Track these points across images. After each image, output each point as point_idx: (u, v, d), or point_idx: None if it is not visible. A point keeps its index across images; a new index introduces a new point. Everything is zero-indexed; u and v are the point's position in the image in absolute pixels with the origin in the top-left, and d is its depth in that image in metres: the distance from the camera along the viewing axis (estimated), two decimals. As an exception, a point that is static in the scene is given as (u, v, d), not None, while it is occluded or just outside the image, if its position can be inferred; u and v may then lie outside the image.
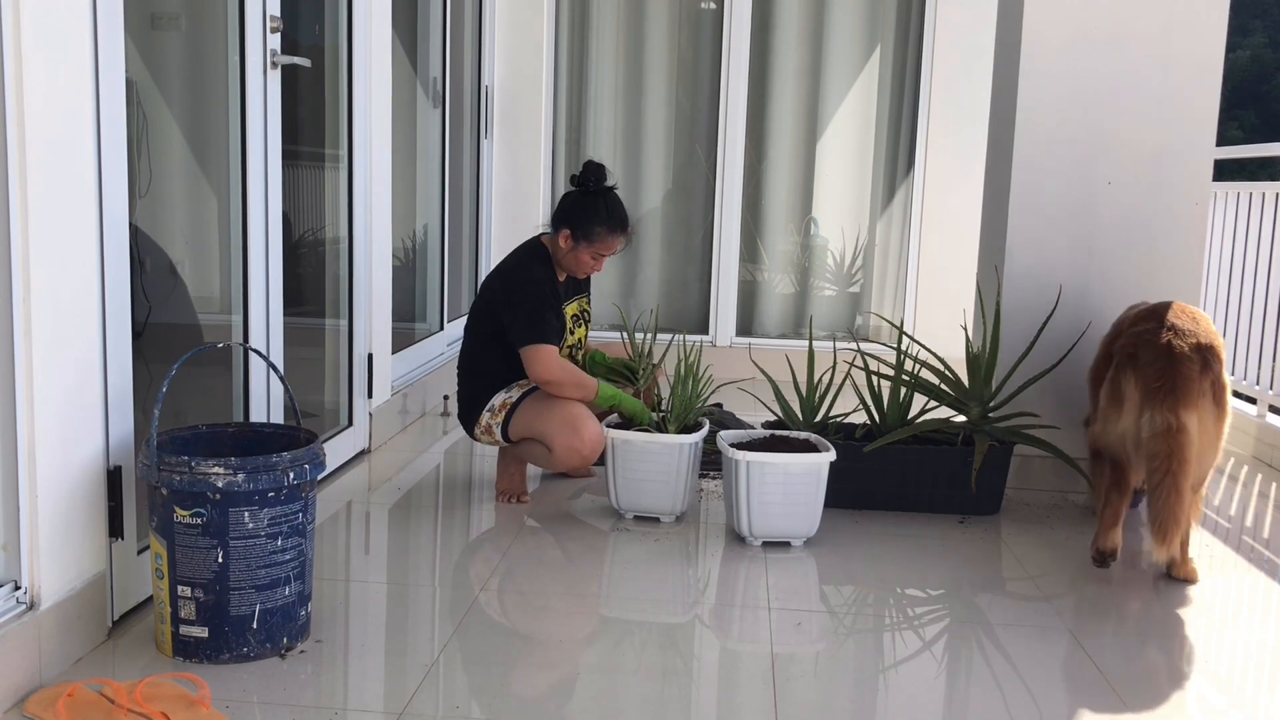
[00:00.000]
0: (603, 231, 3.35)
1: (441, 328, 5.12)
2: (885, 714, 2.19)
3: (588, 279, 3.63)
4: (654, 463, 3.20)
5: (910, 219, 5.88)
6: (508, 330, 3.31)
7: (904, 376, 3.52)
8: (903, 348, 3.59)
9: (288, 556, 2.29)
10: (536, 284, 3.34)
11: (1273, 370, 4.50)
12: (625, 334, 3.73)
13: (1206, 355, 2.83)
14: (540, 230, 3.55)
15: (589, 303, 3.66)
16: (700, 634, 2.53)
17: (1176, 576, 2.93)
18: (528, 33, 5.80)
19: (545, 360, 3.26)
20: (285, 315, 3.27)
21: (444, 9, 5.01)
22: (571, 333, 3.48)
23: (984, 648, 2.49)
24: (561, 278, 3.46)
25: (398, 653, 2.36)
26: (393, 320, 4.17)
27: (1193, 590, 2.90)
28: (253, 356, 3.07)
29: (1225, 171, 4.68)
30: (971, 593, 2.81)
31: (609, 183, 3.41)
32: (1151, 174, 3.63)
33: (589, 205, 3.36)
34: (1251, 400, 4.65)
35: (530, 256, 3.43)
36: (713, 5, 5.85)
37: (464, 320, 3.60)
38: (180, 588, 2.22)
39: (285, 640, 2.31)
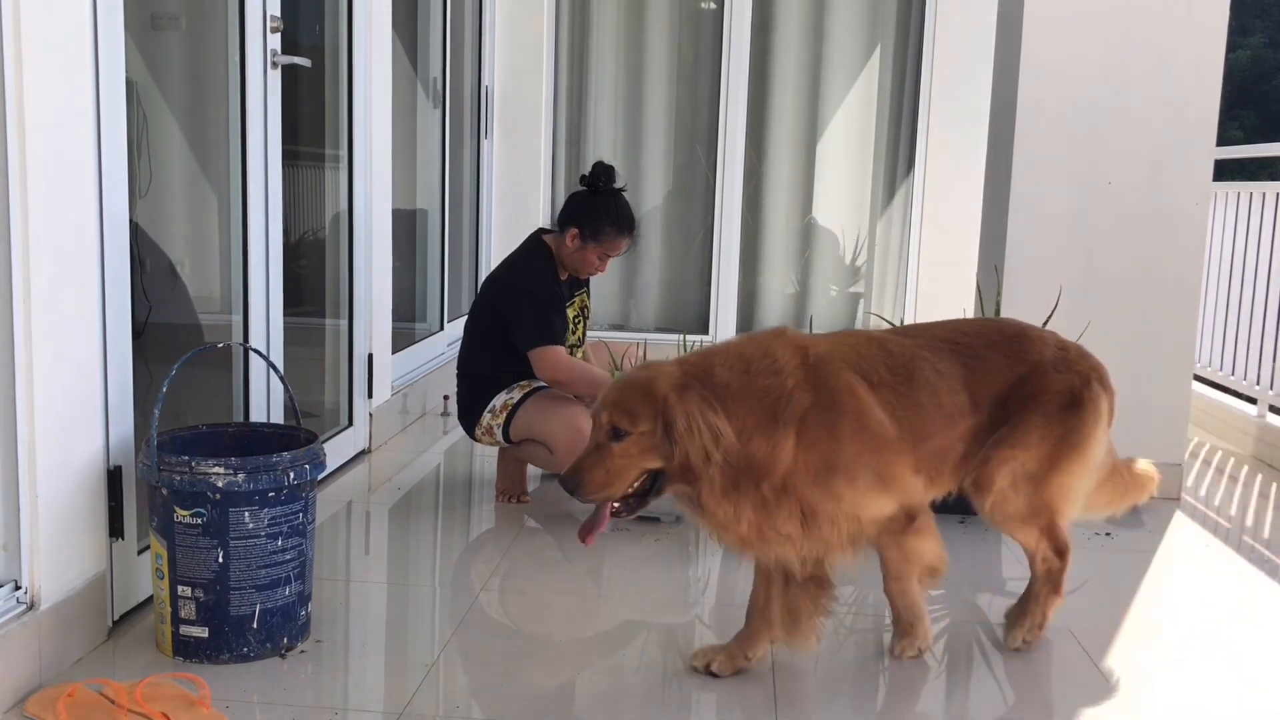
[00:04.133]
0: (611, 232, 3.36)
1: (441, 328, 5.13)
2: (885, 714, 2.19)
3: (586, 280, 3.63)
4: (654, 463, 3.19)
5: (910, 219, 5.88)
6: (513, 334, 3.31)
7: (904, 376, 3.51)
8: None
9: (288, 556, 2.28)
10: (540, 284, 3.34)
11: (1273, 370, 4.50)
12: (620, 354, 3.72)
13: None
14: (540, 227, 3.56)
15: (589, 298, 3.66)
16: (700, 634, 2.52)
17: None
18: (528, 33, 5.79)
19: (555, 360, 3.25)
20: (285, 315, 3.27)
21: (444, 9, 5.01)
22: (572, 330, 3.48)
23: (984, 648, 2.49)
24: (563, 276, 3.46)
25: (398, 653, 2.36)
26: (393, 320, 4.17)
27: (1193, 590, 2.90)
28: (253, 356, 3.07)
29: (1225, 171, 4.68)
30: (971, 593, 2.81)
31: (618, 184, 3.43)
32: (1151, 174, 3.63)
33: (599, 205, 3.37)
34: (1251, 400, 4.65)
35: (532, 255, 3.43)
36: (713, 5, 5.85)
37: (464, 320, 3.60)
38: (180, 588, 2.22)
39: (285, 640, 2.31)
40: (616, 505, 2.09)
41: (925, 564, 2.31)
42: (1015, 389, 2.27)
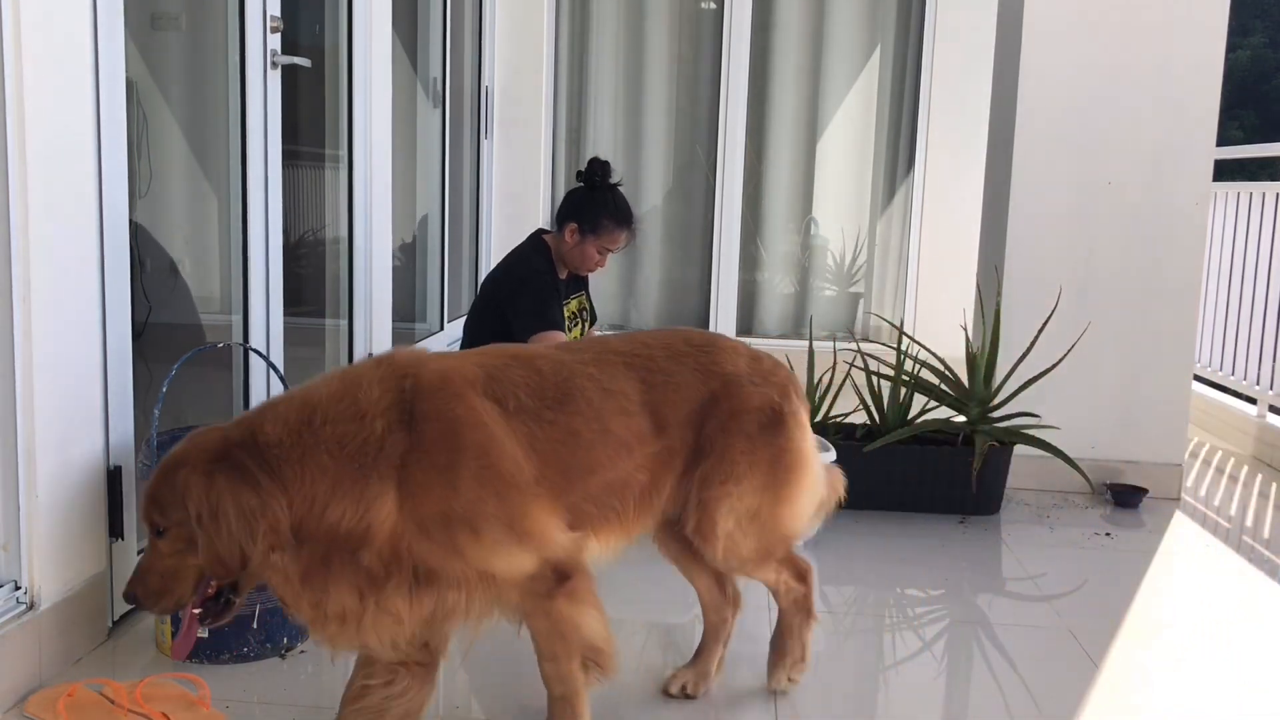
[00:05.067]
0: (610, 224, 3.38)
1: (441, 328, 5.12)
2: (885, 714, 2.19)
3: (585, 278, 3.64)
4: (654, 463, 3.19)
5: (910, 219, 5.88)
6: (514, 323, 3.31)
7: (904, 376, 3.52)
8: (903, 348, 3.59)
9: (288, 556, 2.28)
10: (539, 275, 3.36)
11: (1273, 370, 4.50)
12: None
13: None
14: (540, 227, 3.57)
15: (588, 300, 3.67)
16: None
17: None
18: (528, 33, 5.79)
19: (554, 342, 3.26)
20: (285, 315, 3.27)
21: (444, 9, 5.01)
22: (569, 330, 3.49)
23: (984, 648, 2.49)
24: (563, 275, 3.47)
25: (398, 653, 2.35)
26: (393, 320, 4.17)
27: (1193, 590, 2.90)
28: (253, 356, 3.07)
29: (1225, 171, 4.68)
30: (971, 593, 2.81)
31: (614, 179, 3.45)
32: (1151, 174, 3.63)
33: (596, 199, 3.40)
34: (1251, 400, 4.65)
35: (532, 252, 3.45)
36: (713, 5, 5.85)
37: (464, 320, 3.60)
38: (180, 588, 2.22)
39: (285, 640, 2.31)
40: (198, 611, 1.70)
41: (585, 641, 1.85)
42: (710, 408, 1.97)
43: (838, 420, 3.50)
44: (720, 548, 1.98)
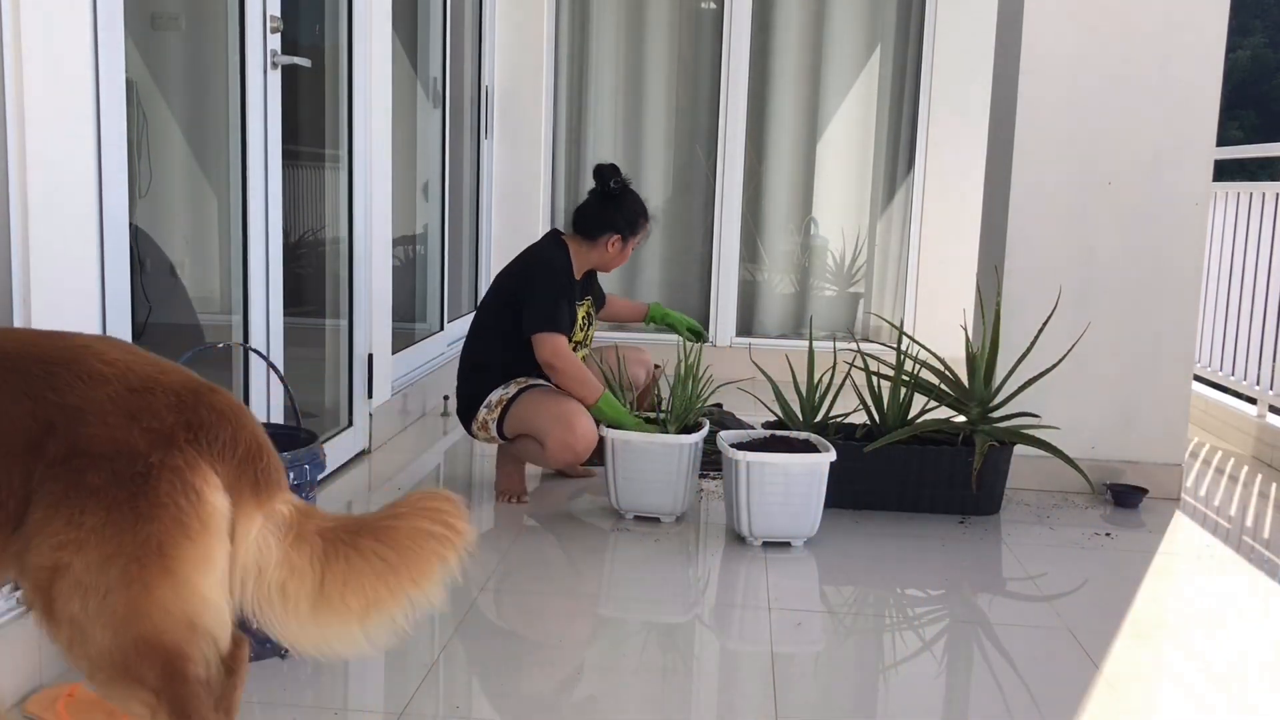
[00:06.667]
0: (644, 221, 3.56)
1: (441, 328, 5.13)
2: (885, 714, 2.19)
3: (594, 280, 3.68)
4: (654, 463, 3.20)
5: (910, 219, 5.88)
6: (522, 313, 3.33)
7: (904, 376, 3.52)
8: (903, 348, 3.59)
9: (288, 556, 2.28)
10: (557, 274, 3.39)
11: (1273, 370, 4.51)
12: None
13: None
14: (555, 228, 3.61)
15: (598, 288, 3.71)
16: (700, 634, 2.52)
17: None
18: (528, 33, 5.80)
19: (554, 345, 3.29)
20: (285, 315, 3.27)
21: (444, 9, 5.01)
22: (583, 329, 3.53)
23: (984, 648, 2.49)
24: (578, 275, 3.50)
25: (398, 653, 2.36)
26: (393, 320, 4.18)
27: (1193, 590, 2.90)
28: (253, 356, 3.07)
29: (1225, 171, 4.68)
30: (971, 593, 2.81)
31: (624, 177, 3.56)
32: (1151, 174, 3.63)
33: (627, 203, 3.53)
34: (1251, 400, 4.65)
35: (553, 247, 3.48)
36: (713, 5, 5.86)
37: (464, 320, 3.62)
38: (180, 588, 2.20)
39: (285, 640, 2.31)
40: None
41: None
42: (42, 446, 1.43)
43: (838, 420, 3.50)
44: (65, 635, 1.44)
